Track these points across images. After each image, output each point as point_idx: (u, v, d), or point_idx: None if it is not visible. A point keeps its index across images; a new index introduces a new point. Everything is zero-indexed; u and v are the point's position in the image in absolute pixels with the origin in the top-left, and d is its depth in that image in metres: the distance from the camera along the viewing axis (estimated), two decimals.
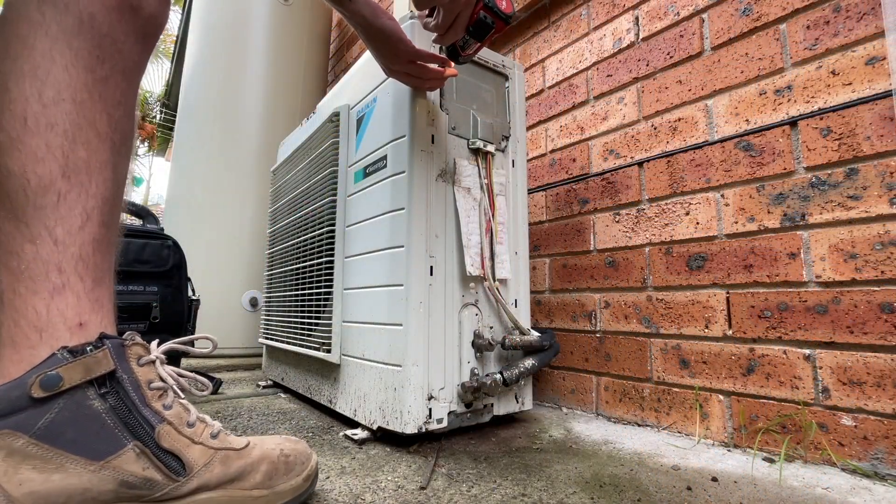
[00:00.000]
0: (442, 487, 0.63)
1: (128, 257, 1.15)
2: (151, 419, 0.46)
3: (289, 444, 0.57)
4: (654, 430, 0.94)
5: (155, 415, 0.47)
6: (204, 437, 0.50)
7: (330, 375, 1.00)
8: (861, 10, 0.74)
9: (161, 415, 0.47)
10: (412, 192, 0.81)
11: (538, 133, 1.29)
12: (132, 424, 0.45)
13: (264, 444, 0.55)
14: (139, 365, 0.47)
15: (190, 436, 0.48)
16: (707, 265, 0.90)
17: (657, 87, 1.02)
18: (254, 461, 0.52)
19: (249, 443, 0.53)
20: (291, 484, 0.53)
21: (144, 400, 0.46)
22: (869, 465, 0.69)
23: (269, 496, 0.51)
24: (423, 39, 0.85)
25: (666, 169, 0.98)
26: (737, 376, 0.83)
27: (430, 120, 0.85)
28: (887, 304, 0.68)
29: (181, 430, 0.48)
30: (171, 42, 7.75)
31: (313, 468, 0.57)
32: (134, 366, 0.47)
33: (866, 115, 0.72)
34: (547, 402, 1.18)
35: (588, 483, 0.65)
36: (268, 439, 0.57)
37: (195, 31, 2.39)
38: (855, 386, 0.71)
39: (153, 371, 0.49)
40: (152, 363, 0.49)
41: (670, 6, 1.01)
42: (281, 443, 0.56)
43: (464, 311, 0.86)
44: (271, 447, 0.55)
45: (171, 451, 0.46)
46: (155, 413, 0.47)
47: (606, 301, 1.07)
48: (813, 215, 0.77)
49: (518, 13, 1.34)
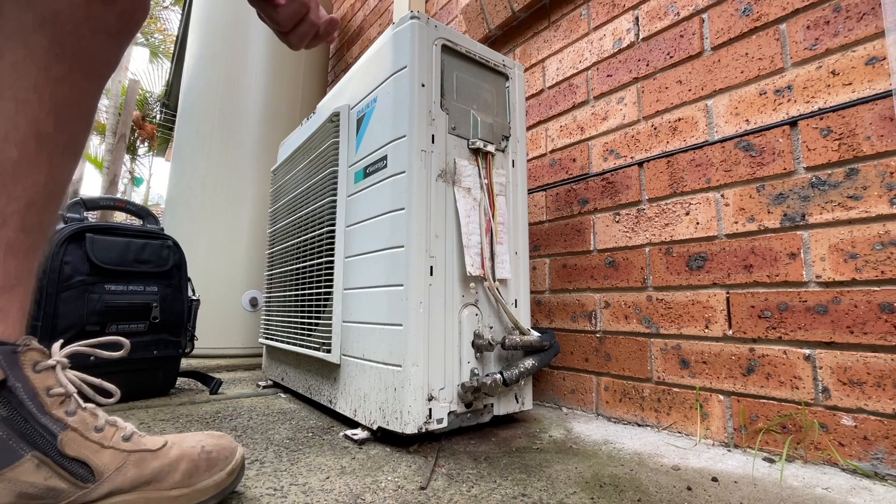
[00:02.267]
0: (442, 487, 0.63)
1: (128, 257, 1.15)
2: (52, 427, 0.44)
3: (211, 440, 0.56)
4: (655, 431, 0.94)
5: (56, 422, 0.45)
6: (115, 440, 0.48)
7: (330, 375, 1.00)
8: (861, 10, 0.74)
9: (63, 422, 0.45)
10: (412, 192, 0.81)
11: (538, 133, 1.29)
12: (29, 434, 0.43)
13: (184, 441, 0.54)
14: (35, 371, 0.45)
15: (98, 441, 0.47)
16: (707, 265, 0.90)
17: (657, 87, 1.02)
18: (172, 460, 0.51)
19: (167, 442, 0.52)
20: (214, 480, 0.53)
21: (43, 408, 0.44)
22: (869, 466, 0.68)
23: (189, 494, 0.50)
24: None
25: (666, 169, 0.98)
26: (737, 376, 0.83)
27: (430, 120, 0.85)
28: (887, 304, 0.68)
29: (88, 435, 0.46)
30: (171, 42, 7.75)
31: (238, 462, 0.56)
32: (29, 373, 0.45)
33: (866, 115, 0.72)
34: (547, 402, 1.18)
35: (588, 483, 0.65)
36: (189, 436, 0.56)
37: (195, 31, 2.39)
38: (855, 386, 0.71)
39: (52, 377, 0.46)
40: (51, 369, 0.47)
41: (670, 6, 1.00)
42: (203, 439, 0.55)
43: (464, 312, 0.86)
44: (191, 444, 0.54)
45: (78, 457, 0.45)
46: (56, 420, 0.45)
47: (606, 301, 1.07)
48: (813, 215, 0.77)
49: (518, 13, 1.34)
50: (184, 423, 0.93)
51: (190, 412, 1.03)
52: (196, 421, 0.95)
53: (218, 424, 0.93)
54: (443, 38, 0.89)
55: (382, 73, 0.91)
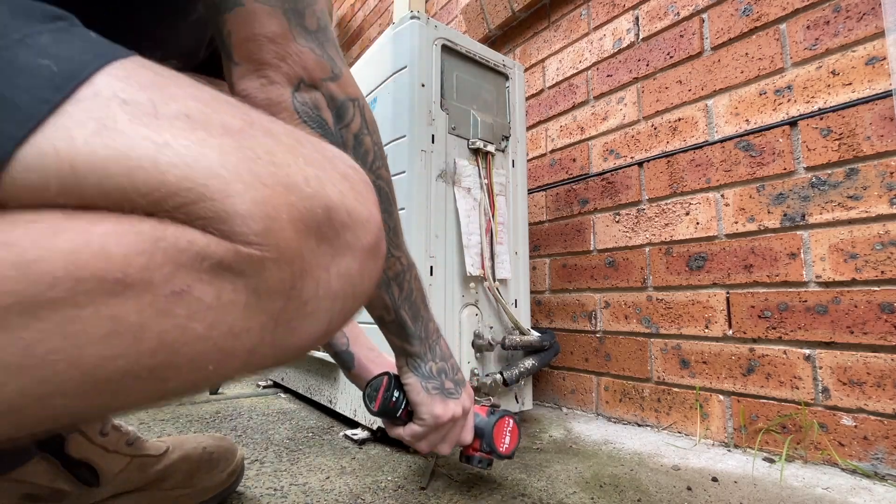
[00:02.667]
0: (442, 487, 0.63)
1: None
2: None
3: (212, 442, 0.56)
4: (655, 430, 0.94)
5: None
6: (119, 445, 0.49)
7: (330, 375, 1.00)
8: (861, 10, 0.74)
9: None
10: (412, 192, 0.81)
11: (538, 133, 1.29)
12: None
13: (185, 444, 0.55)
14: None
15: (103, 444, 0.47)
16: (707, 265, 0.89)
17: (657, 87, 1.02)
18: (173, 462, 0.51)
19: (168, 448, 0.53)
20: (214, 480, 0.53)
21: None
22: (869, 466, 0.68)
23: (190, 494, 0.51)
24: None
25: (666, 169, 0.98)
26: (737, 376, 0.83)
27: (430, 120, 0.85)
28: (887, 304, 0.68)
29: (94, 439, 0.47)
30: None
31: (238, 463, 0.57)
32: None
33: (866, 115, 0.72)
34: (547, 402, 1.18)
35: (588, 483, 0.65)
36: (190, 438, 0.57)
37: None
38: (855, 386, 0.71)
39: None
40: None
41: (670, 6, 1.00)
42: (203, 441, 0.56)
43: (464, 311, 0.86)
44: (192, 446, 0.54)
45: (83, 460, 0.45)
46: None
47: (606, 301, 1.07)
48: (813, 215, 0.77)
49: (518, 13, 1.34)
50: (184, 423, 0.93)
51: (190, 412, 1.03)
52: (196, 421, 0.95)
53: (218, 424, 0.93)
54: (443, 38, 0.89)
55: (382, 73, 0.91)
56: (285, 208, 0.23)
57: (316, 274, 0.25)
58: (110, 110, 0.20)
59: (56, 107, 0.19)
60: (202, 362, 0.23)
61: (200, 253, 0.21)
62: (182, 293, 0.21)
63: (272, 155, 0.24)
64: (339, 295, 0.26)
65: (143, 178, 0.20)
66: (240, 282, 0.22)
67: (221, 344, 0.22)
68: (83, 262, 0.19)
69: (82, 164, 0.19)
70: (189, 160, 0.21)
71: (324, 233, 0.25)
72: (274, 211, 0.22)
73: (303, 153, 0.26)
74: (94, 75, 0.21)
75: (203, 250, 0.21)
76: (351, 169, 0.28)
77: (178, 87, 0.23)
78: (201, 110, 0.23)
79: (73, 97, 0.20)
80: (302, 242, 0.24)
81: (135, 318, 0.20)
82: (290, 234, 0.23)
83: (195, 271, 0.21)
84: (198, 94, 0.24)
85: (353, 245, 0.26)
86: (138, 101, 0.21)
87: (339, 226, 0.26)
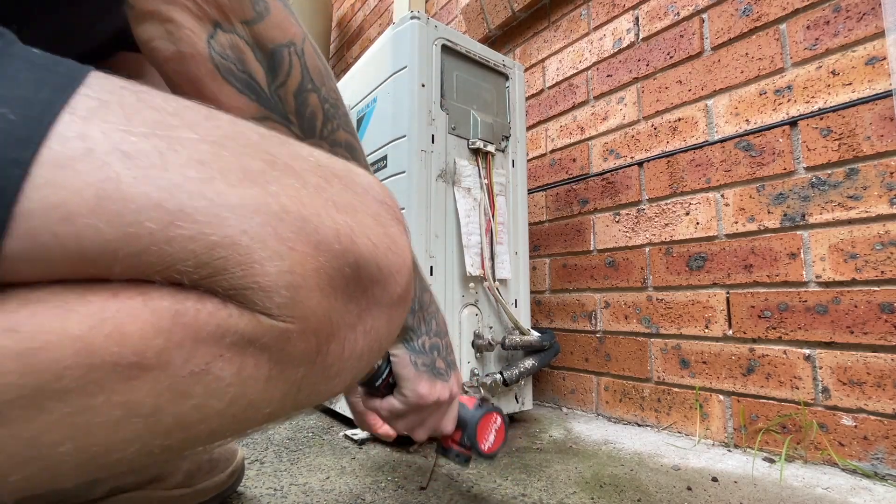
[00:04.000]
0: (442, 487, 0.63)
1: None
2: None
3: None
4: (655, 431, 0.94)
5: None
6: None
7: None
8: (861, 10, 0.74)
9: None
10: (412, 192, 0.81)
11: (538, 133, 1.29)
12: None
13: None
14: None
15: None
16: (707, 265, 0.89)
17: (657, 87, 1.02)
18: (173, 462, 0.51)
19: None
20: (215, 481, 0.53)
21: None
22: (869, 466, 0.68)
23: (190, 494, 0.51)
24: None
25: (666, 169, 0.98)
26: (737, 376, 0.83)
27: (429, 120, 0.85)
28: (887, 304, 0.68)
29: None
30: None
31: (238, 463, 0.57)
32: None
33: (866, 115, 0.72)
34: (547, 402, 1.18)
35: (588, 483, 0.65)
36: None
37: None
38: (855, 386, 0.71)
39: None
40: None
41: (670, 6, 1.00)
42: None
43: (464, 311, 0.86)
44: None
45: None
46: None
47: (606, 301, 1.07)
48: (813, 215, 0.77)
49: (518, 13, 1.34)
50: None
51: None
52: None
53: None
54: (443, 38, 0.89)
55: (382, 73, 0.91)
56: (313, 274, 0.21)
57: (342, 335, 0.23)
58: (111, 170, 0.17)
59: (28, 168, 0.16)
60: (219, 436, 0.22)
61: (222, 326, 0.19)
62: (201, 373, 0.19)
63: (300, 205, 0.21)
64: (364, 353, 0.25)
65: (158, 255, 0.18)
66: (263, 356, 0.21)
67: (241, 416, 0.21)
68: (95, 348, 0.17)
69: (88, 242, 0.17)
70: (206, 228, 0.19)
71: (351, 291, 0.23)
72: (301, 279, 0.21)
73: (331, 194, 0.23)
74: (59, 116, 0.17)
75: (224, 323, 0.19)
76: (382, 205, 0.26)
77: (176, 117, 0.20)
78: (215, 153, 0.20)
79: (42, 149, 0.17)
80: (329, 305, 0.22)
81: (150, 402, 0.18)
82: (316, 301, 0.21)
83: (216, 346, 0.19)
84: (203, 123, 0.21)
85: (381, 300, 0.25)
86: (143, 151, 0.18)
87: (368, 282, 0.24)
